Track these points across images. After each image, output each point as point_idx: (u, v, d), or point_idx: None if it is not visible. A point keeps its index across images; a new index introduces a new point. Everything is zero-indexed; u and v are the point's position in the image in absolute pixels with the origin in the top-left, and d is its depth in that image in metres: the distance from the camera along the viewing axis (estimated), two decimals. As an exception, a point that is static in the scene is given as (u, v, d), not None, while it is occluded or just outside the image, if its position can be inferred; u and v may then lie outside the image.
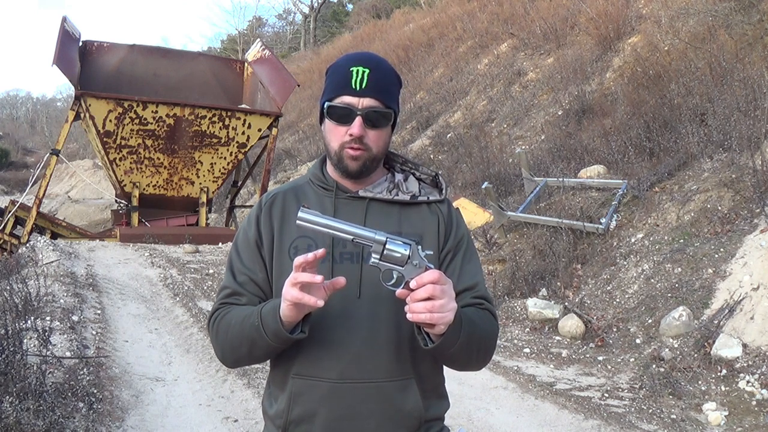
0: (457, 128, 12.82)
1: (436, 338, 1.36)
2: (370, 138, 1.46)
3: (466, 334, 1.38)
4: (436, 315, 1.29)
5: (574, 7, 13.21)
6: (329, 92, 1.48)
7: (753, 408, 4.11)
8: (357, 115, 1.44)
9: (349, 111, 1.44)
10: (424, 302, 1.29)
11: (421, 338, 1.38)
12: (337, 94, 1.46)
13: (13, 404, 3.23)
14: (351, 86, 1.44)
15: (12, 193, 28.60)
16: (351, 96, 1.44)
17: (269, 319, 1.38)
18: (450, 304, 1.32)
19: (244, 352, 1.46)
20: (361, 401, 1.45)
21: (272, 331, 1.38)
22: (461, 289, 1.50)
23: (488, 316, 1.51)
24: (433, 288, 1.29)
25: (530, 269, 6.70)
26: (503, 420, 4.13)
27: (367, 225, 1.46)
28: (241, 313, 1.45)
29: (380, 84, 1.46)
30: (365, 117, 1.44)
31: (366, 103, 1.44)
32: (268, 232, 1.51)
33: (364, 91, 1.44)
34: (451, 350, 1.38)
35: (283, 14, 44.55)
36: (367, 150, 1.47)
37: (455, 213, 1.59)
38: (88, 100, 10.63)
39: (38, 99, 68.91)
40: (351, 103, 1.44)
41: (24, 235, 10.61)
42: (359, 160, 1.47)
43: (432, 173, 1.60)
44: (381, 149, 1.50)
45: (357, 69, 1.44)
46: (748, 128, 6.46)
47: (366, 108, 1.44)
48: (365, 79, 1.44)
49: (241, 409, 4.20)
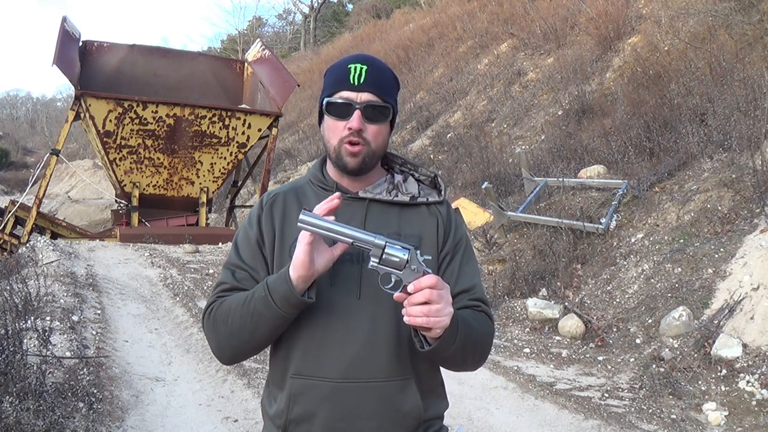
0: (457, 128, 12.82)
1: (433, 341, 1.37)
2: (369, 132, 1.48)
3: (462, 338, 1.39)
4: (433, 319, 1.31)
5: (574, 7, 13.22)
6: (328, 89, 1.50)
7: (753, 408, 4.11)
8: (356, 108, 1.46)
9: (348, 105, 1.46)
10: (421, 306, 1.31)
11: (418, 341, 1.39)
12: (336, 90, 1.48)
13: (13, 404, 3.23)
14: (349, 81, 1.46)
15: (12, 193, 28.61)
16: (349, 91, 1.46)
17: (278, 284, 1.39)
18: (446, 309, 1.33)
19: (245, 336, 1.45)
20: (362, 401, 1.45)
21: (281, 296, 1.38)
22: (459, 290, 1.51)
23: (484, 319, 1.52)
24: (430, 293, 1.31)
25: (530, 269, 6.70)
26: (503, 420, 4.13)
27: (367, 226, 1.48)
28: (241, 296, 1.46)
29: (378, 80, 1.48)
30: (364, 111, 1.46)
31: (364, 97, 1.46)
32: (269, 232, 1.52)
33: (362, 86, 1.46)
34: (447, 353, 1.40)
35: (283, 14, 44.61)
36: (366, 145, 1.48)
37: (454, 214, 1.60)
38: (88, 100, 10.63)
39: (38, 99, 69.07)
40: (350, 98, 1.46)
41: (24, 235, 10.61)
42: (358, 156, 1.48)
43: (431, 174, 1.61)
44: (380, 145, 1.51)
45: (355, 66, 1.47)
46: (748, 128, 6.46)
47: (364, 102, 1.46)
48: (363, 75, 1.46)
49: (241, 409, 4.20)
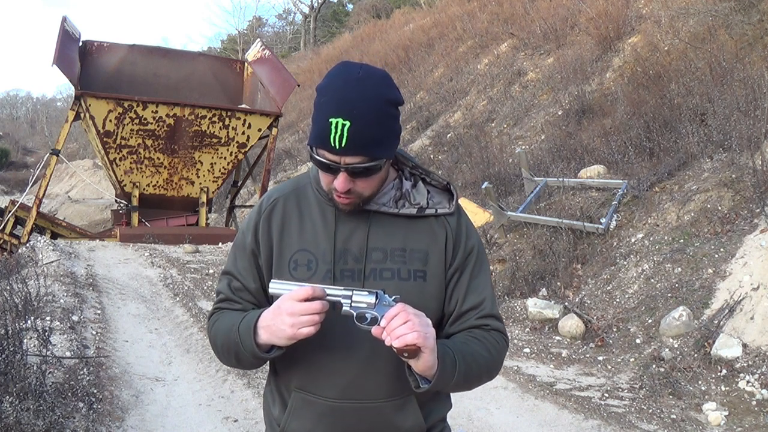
0: (457, 128, 12.82)
1: (429, 375, 1.32)
2: (359, 186, 1.37)
3: (462, 373, 1.36)
4: (421, 332, 1.26)
5: (574, 7, 13.21)
6: (312, 137, 1.34)
7: (753, 408, 4.11)
8: (341, 170, 1.34)
9: (332, 165, 1.34)
10: (404, 325, 1.26)
11: (413, 380, 1.35)
12: (318, 146, 1.33)
13: (13, 404, 3.23)
14: (330, 143, 1.29)
15: (12, 193, 28.59)
16: (331, 153, 1.32)
17: (246, 337, 1.37)
18: (429, 328, 1.29)
19: (233, 361, 1.47)
20: (360, 421, 1.44)
21: (250, 351, 1.38)
22: (467, 308, 1.46)
23: (492, 340, 1.46)
24: (405, 313, 1.27)
25: (530, 269, 6.70)
26: (503, 420, 4.13)
27: (370, 240, 1.43)
28: (228, 322, 1.44)
29: (363, 139, 1.30)
30: (349, 171, 1.34)
31: (348, 160, 1.32)
32: (266, 243, 1.46)
33: (344, 150, 1.30)
34: (447, 389, 1.39)
35: (283, 14, 44.70)
36: (358, 196, 1.39)
37: (465, 223, 1.51)
38: (88, 100, 10.63)
39: (38, 99, 69.11)
40: (332, 160, 1.32)
41: (24, 235, 10.61)
42: (350, 205, 1.41)
43: (443, 181, 1.52)
44: (374, 189, 1.41)
45: (336, 121, 1.28)
46: (748, 128, 6.46)
47: (349, 164, 1.32)
48: (345, 136, 1.28)
49: (241, 409, 4.20)
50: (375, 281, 1.41)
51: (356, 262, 1.42)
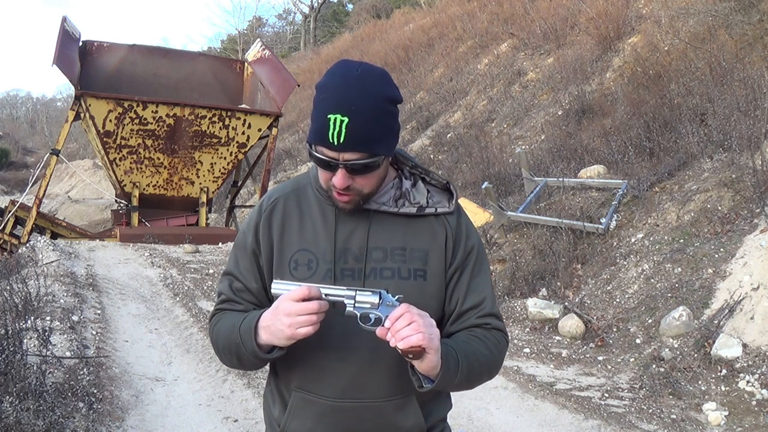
0: (457, 128, 12.82)
1: (431, 375, 1.33)
2: (357, 182, 1.37)
3: (464, 372, 1.36)
4: (426, 333, 1.26)
5: (574, 7, 13.22)
6: (311, 134, 1.35)
7: (753, 408, 4.10)
8: (339, 167, 1.34)
9: (330, 162, 1.34)
10: (408, 326, 1.26)
11: (416, 379, 1.35)
12: (317, 143, 1.34)
13: (13, 404, 3.23)
14: (328, 140, 1.30)
15: (12, 193, 28.59)
16: (329, 150, 1.32)
17: (247, 338, 1.38)
18: (433, 329, 1.30)
19: (235, 362, 1.47)
20: (360, 421, 1.44)
21: (251, 352, 1.38)
22: (467, 307, 1.46)
23: (493, 340, 1.46)
24: (410, 314, 1.27)
25: (530, 269, 6.70)
26: (503, 420, 4.13)
27: (370, 239, 1.43)
28: (229, 323, 1.45)
29: (362, 135, 1.30)
30: (348, 168, 1.34)
31: (347, 156, 1.32)
32: (267, 243, 1.46)
33: (343, 146, 1.30)
34: (450, 388, 1.39)
35: (283, 14, 44.71)
36: (357, 193, 1.39)
37: (465, 222, 1.51)
38: (88, 100, 10.63)
39: (38, 99, 69.14)
40: (331, 156, 1.33)
41: (24, 235, 10.61)
42: (350, 203, 1.41)
43: (443, 180, 1.52)
44: (374, 186, 1.41)
45: (335, 118, 1.29)
46: (748, 128, 6.46)
47: (347, 161, 1.33)
48: (343, 132, 1.29)
49: (241, 409, 4.20)
50: (375, 280, 1.41)
51: (356, 261, 1.43)
